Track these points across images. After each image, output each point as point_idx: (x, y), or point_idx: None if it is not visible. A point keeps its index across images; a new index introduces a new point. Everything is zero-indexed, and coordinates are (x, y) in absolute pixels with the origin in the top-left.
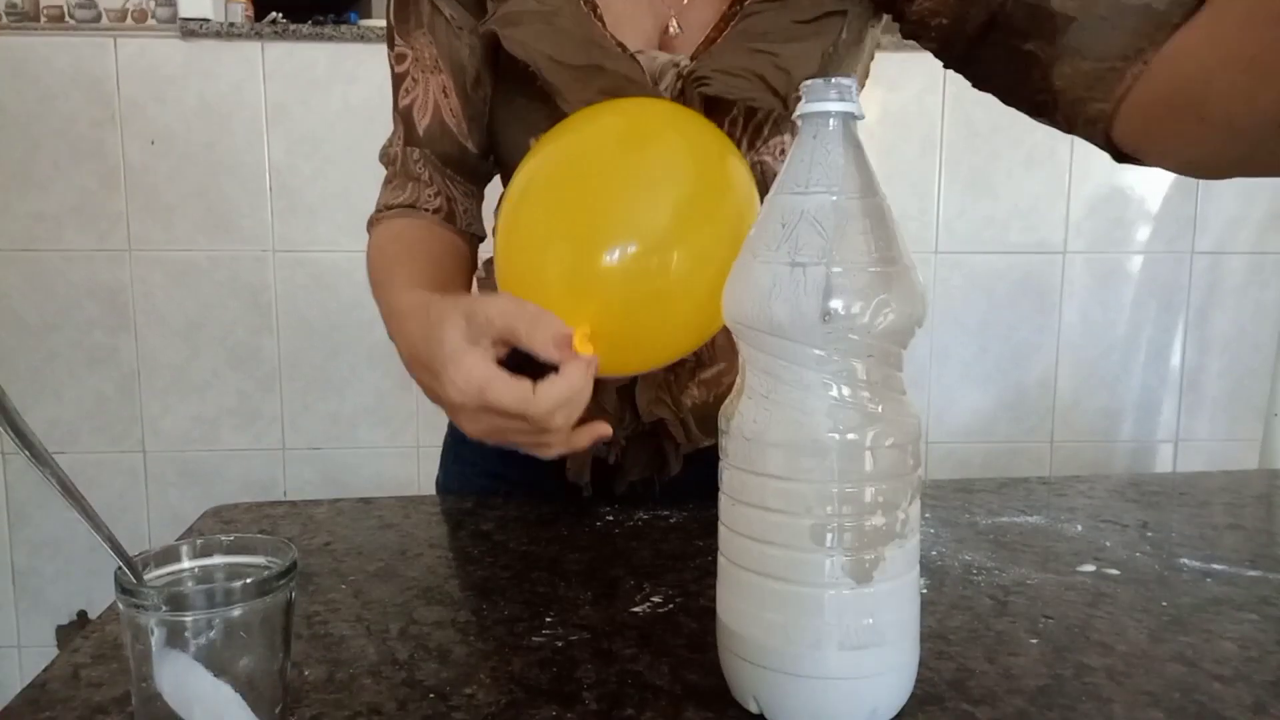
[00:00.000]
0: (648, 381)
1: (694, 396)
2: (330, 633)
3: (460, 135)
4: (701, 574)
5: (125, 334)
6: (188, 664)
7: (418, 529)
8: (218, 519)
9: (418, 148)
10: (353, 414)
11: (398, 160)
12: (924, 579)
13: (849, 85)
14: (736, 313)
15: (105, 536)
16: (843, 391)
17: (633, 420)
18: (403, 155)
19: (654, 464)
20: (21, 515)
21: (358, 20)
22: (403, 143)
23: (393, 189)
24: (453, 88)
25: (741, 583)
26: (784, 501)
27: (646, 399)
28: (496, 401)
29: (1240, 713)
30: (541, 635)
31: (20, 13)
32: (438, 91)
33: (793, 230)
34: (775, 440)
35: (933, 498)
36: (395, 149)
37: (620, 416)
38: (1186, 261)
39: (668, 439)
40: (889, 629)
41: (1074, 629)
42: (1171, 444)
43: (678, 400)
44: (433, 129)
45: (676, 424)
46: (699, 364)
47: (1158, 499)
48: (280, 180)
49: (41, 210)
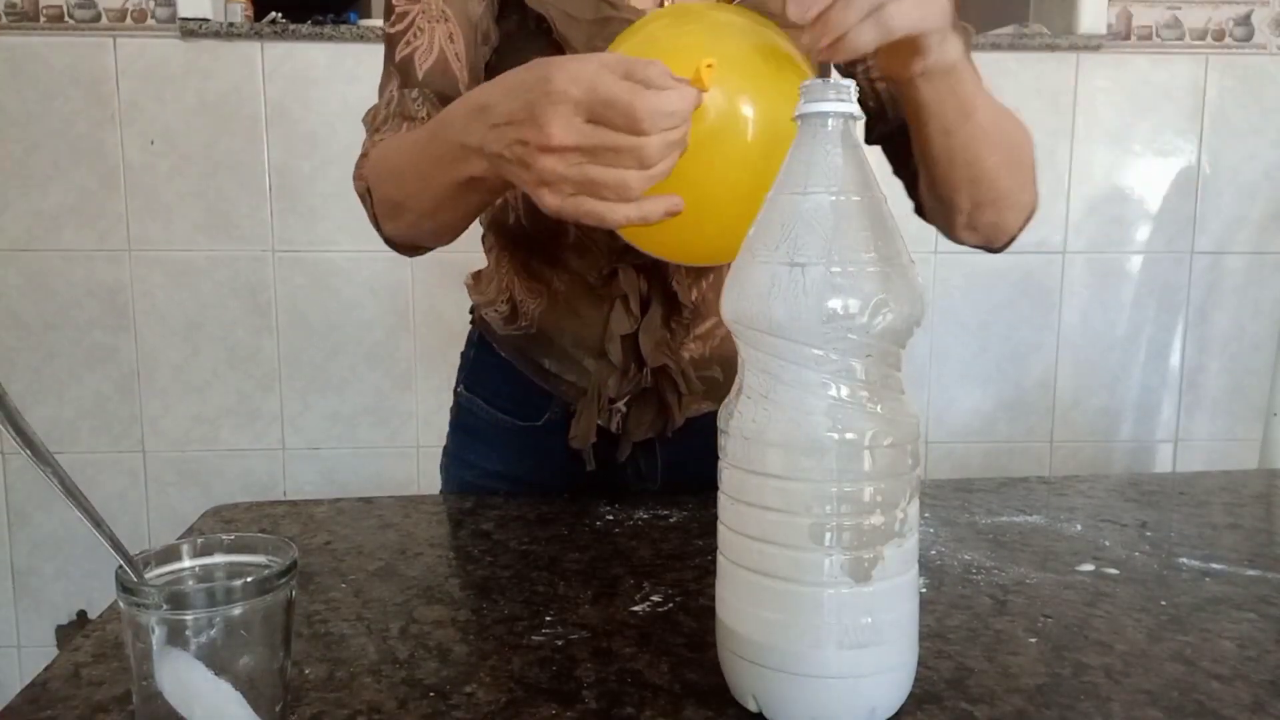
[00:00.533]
0: (650, 333)
1: (691, 350)
2: (330, 631)
3: (460, 82)
4: (701, 573)
5: (125, 334)
6: (188, 662)
7: (418, 528)
8: (218, 518)
9: (417, 88)
10: (353, 414)
11: (393, 102)
12: (923, 578)
13: (847, 86)
14: (736, 312)
15: (106, 535)
16: (841, 391)
17: (637, 373)
18: (399, 96)
19: (657, 422)
20: (21, 515)
21: (357, 20)
22: (398, 86)
23: (386, 127)
24: (460, 35)
25: (741, 582)
26: (783, 501)
27: (649, 347)
28: (607, 91)
29: (1238, 712)
30: (541, 634)
31: (20, 12)
32: (444, 38)
33: (792, 230)
34: (774, 440)
35: (932, 497)
36: (390, 92)
37: (625, 368)
38: (1186, 261)
39: (670, 390)
40: (888, 628)
41: (1073, 628)
42: (1171, 444)
43: (677, 354)
44: (434, 71)
45: (678, 373)
46: (695, 318)
47: (1157, 498)
48: (280, 180)
49: (41, 210)
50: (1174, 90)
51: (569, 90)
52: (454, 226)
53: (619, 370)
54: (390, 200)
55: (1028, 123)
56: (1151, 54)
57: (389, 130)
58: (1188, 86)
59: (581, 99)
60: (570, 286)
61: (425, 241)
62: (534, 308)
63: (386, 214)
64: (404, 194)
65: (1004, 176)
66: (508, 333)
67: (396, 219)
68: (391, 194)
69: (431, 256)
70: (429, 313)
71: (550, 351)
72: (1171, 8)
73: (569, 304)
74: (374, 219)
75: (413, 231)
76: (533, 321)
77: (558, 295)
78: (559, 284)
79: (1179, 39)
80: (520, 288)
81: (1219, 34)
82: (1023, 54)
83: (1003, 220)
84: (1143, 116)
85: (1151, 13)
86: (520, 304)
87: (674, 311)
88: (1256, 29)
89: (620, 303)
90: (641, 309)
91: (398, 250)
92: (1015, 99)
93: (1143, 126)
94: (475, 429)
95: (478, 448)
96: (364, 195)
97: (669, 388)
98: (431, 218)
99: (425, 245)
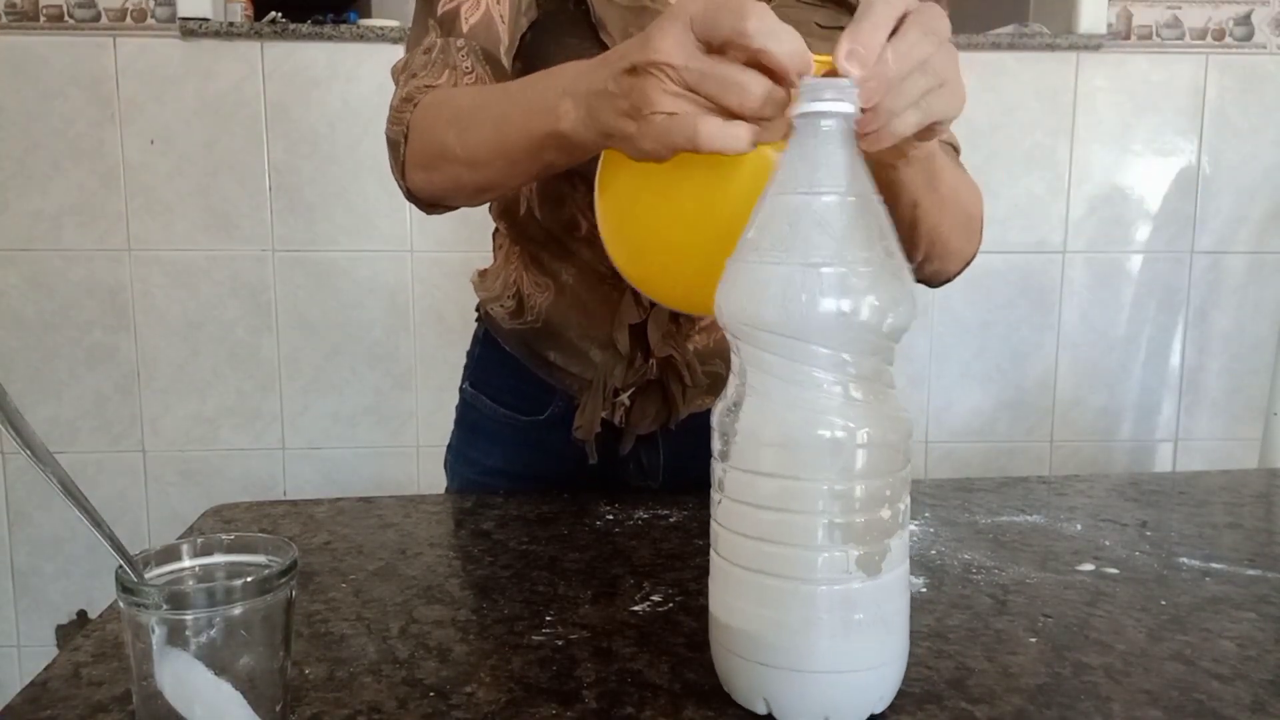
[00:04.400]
0: (658, 323)
1: (696, 342)
2: (331, 631)
3: (501, 44)
4: (701, 573)
5: (125, 333)
6: (188, 662)
7: (418, 528)
8: (218, 518)
9: (463, 38)
10: (352, 414)
11: (434, 50)
12: (923, 578)
13: (847, 85)
14: (737, 313)
15: (106, 535)
16: (852, 389)
17: (643, 363)
18: (443, 44)
19: (661, 413)
20: (21, 515)
21: (357, 20)
22: (441, 35)
23: (425, 75)
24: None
25: (749, 584)
26: (797, 500)
27: (657, 338)
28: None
29: (1239, 711)
30: (541, 634)
31: (20, 12)
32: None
33: (802, 231)
34: (786, 439)
35: (932, 497)
36: (433, 40)
37: (631, 358)
38: (1186, 261)
39: (675, 380)
40: (894, 617)
41: (1073, 628)
42: (1171, 443)
43: (682, 345)
44: (480, 26)
45: (683, 364)
46: None
47: (1157, 498)
48: (280, 180)
49: (41, 210)
50: (1174, 90)
51: (691, 5)
52: (503, 184)
53: (625, 360)
54: (436, 147)
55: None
56: (1151, 54)
57: (428, 78)
58: (1188, 86)
59: (697, 14)
60: (578, 279)
61: (456, 198)
62: (541, 301)
63: (424, 163)
64: (464, 142)
65: (955, 238)
66: (513, 327)
67: (437, 169)
68: (442, 141)
69: (431, 256)
70: (429, 313)
71: (556, 344)
72: (1171, 7)
73: (576, 296)
74: (401, 167)
75: (449, 185)
76: (539, 315)
77: (565, 288)
78: (567, 276)
79: (1179, 39)
80: (528, 282)
81: (1219, 34)
82: (1022, 53)
83: (945, 268)
84: (1143, 116)
85: (1151, 12)
86: (527, 298)
87: None
88: (1256, 29)
89: (630, 293)
90: (651, 300)
91: (417, 204)
92: (1015, 99)
93: (1143, 126)
94: (479, 425)
95: (481, 444)
96: (398, 141)
97: (673, 379)
98: (485, 169)
99: (451, 203)
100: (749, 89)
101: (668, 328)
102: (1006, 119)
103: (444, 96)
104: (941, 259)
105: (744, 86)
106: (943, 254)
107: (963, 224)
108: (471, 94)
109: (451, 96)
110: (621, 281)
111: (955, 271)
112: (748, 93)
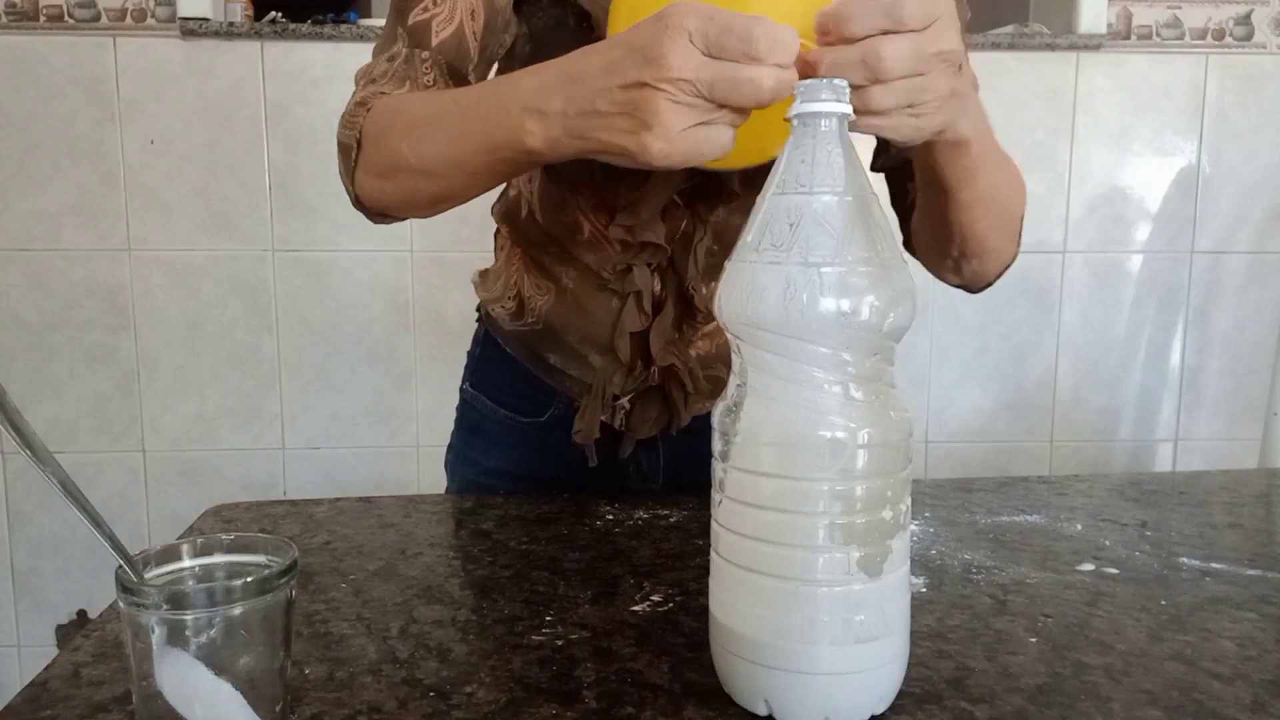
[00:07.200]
0: (661, 333)
1: (699, 348)
2: (330, 631)
3: (470, 62)
4: (701, 573)
5: (125, 333)
6: (188, 662)
7: (418, 528)
8: (218, 518)
9: (429, 52)
10: (352, 414)
11: (398, 59)
12: (923, 578)
13: (844, 86)
14: (738, 313)
15: (106, 535)
16: (853, 389)
17: (644, 370)
18: (408, 54)
19: (662, 418)
20: (21, 515)
21: (357, 19)
22: (409, 45)
23: (385, 83)
24: (481, 15)
25: (750, 585)
26: (797, 501)
27: (659, 346)
28: (725, 18)
29: (1239, 711)
30: (541, 634)
31: (19, 12)
32: (465, 13)
33: (802, 231)
34: (787, 440)
35: (932, 497)
36: (399, 50)
37: (632, 365)
38: (1186, 261)
39: (676, 387)
40: (896, 618)
41: (1073, 628)
42: (1171, 443)
43: (685, 353)
44: (449, 42)
45: (685, 372)
46: (706, 318)
47: (1157, 498)
48: (280, 180)
49: (41, 209)
50: (1174, 90)
51: (685, 20)
52: (458, 196)
53: (625, 367)
54: (389, 156)
55: (1028, 122)
56: (1151, 53)
57: (387, 86)
58: (1188, 86)
59: (698, 28)
60: (579, 283)
61: (409, 208)
62: (541, 304)
63: (377, 170)
64: (417, 152)
65: (993, 237)
66: (514, 328)
67: (388, 177)
68: (395, 150)
69: (431, 256)
70: (429, 313)
71: (556, 347)
72: (1171, 7)
73: (577, 300)
74: (351, 173)
75: (401, 194)
76: (540, 317)
77: (566, 291)
78: (568, 280)
79: (1179, 38)
80: (529, 284)
81: (1219, 33)
82: (1022, 53)
83: (985, 270)
84: (1143, 116)
85: (1151, 12)
86: (528, 300)
87: (688, 314)
88: (1256, 29)
89: (633, 300)
90: (654, 309)
91: (364, 212)
92: (1015, 98)
93: (1143, 126)
94: (479, 426)
95: (481, 444)
96: (351, 146)
97: (675, 386)
98: (441, 180)
99: (399, 214)
100: (760, 83)
101: (670, 335)
102: (1006, 119)
103: (396, 104)
104: (980, 257)
105: (755, 82)
106: (980, 251)
107: (1002, 223)
108: (424, 102)
109: (403, 106)
110: (623, 286)
111: (994, 274)
112: (760, 87)
